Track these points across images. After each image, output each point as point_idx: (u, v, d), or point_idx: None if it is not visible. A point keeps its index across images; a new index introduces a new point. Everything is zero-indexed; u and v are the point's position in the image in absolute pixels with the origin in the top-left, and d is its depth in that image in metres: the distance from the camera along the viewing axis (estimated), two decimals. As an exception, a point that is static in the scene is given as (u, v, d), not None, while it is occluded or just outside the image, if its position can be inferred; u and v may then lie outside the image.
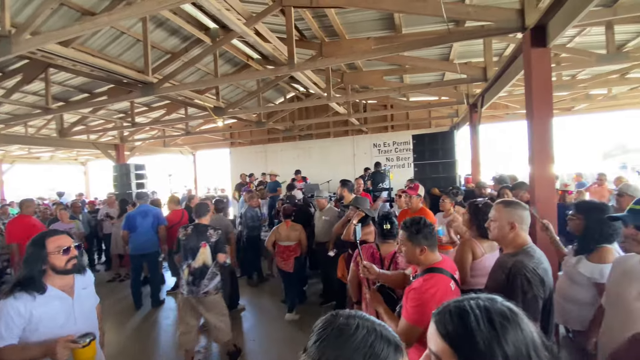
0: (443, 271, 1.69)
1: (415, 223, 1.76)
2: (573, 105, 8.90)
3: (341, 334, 0.64)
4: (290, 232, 4.22)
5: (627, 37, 5.06)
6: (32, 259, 1.62)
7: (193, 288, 3.03)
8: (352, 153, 11.53)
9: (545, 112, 2.71)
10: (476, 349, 0.65)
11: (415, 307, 1.57)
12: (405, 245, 1.75)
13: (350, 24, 5.03)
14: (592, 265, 2.04)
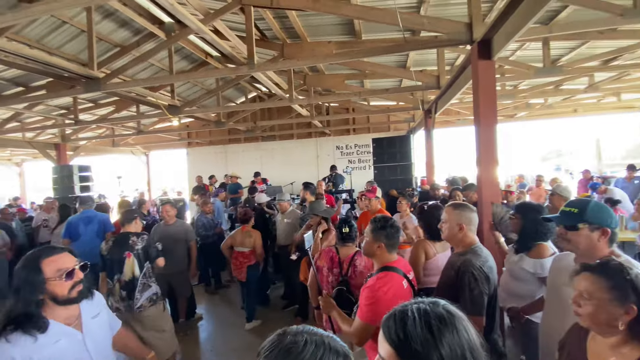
0: (396, 270, 1.74)
1: (384, 220, 1.84)
2: (515, 113, 9.73)
3: (289, 354, 0.62)
4: (245, 238, 4.05)
5: (561, 53, 5.64)
6: (25, 289, 1.22)
7: (130, 303, 2.79)
8: (316, 155, 11.57)
9: (490, 119, 2.92)
10: (415, 352, 0.68)
11: (369, 306, 1.61)
12: (368, 237, 1.83)
13: (311, 26, 5.04)
14: (533, 261, 2.23)
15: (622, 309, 1.05)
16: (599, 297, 1.08)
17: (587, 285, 1.11)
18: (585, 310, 1.11)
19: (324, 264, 2.26)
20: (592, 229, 1.39)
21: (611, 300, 1.06)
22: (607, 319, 1.07)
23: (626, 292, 1.05)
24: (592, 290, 1.10)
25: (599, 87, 6.72)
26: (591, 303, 1.09)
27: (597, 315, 1.08)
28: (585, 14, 3.97)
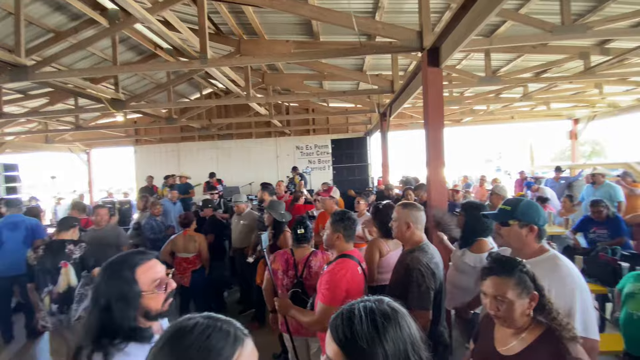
0: (352, 257, 1.89)
1: (342, 213, 1.99)
2: (462, 118, 10.46)
3: (178, 334, 0.63)
4: (187, 243, 3.82)
5: (500, 64, 6.16)
6: (118, 305, 0.98)
7: (62, 317, 2.54)
8: (276, 154, 11.43)
9: (438, 123, 3.09)
10: (361, 349, 0.69)
11: (329, 289, 1.73)
12: (328, 230, 1.95)
13: (269, 24, 4.96)
14: (474, 256, 2.40)
15: (528, 297, 1.15)
16: (511, 295, 1.15)
17: (498, 287, 1.18)
18: (504, 311, 1.17)
19: (279, 267, 2.22)
20: (522, 226, 1.51)
21: (520, 293, 1.15)
22: (521, 311, 1.16)
23: (525, 283, 1.16)
24: (504, 291, 1.16)
25: (532, 97, 7.47)
26: (507, 302, 1.16)
27: (513, 312, 1.16)
28: (521, 30, 4.37)
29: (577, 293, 1.34)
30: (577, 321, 1.30)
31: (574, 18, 4.12)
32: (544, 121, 11.08)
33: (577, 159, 11.00)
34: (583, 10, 4.04)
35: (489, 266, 1.25)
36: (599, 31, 3.81)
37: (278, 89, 8.61)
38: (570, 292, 1.34)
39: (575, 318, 1.30)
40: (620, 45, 4.93)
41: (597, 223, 4.08)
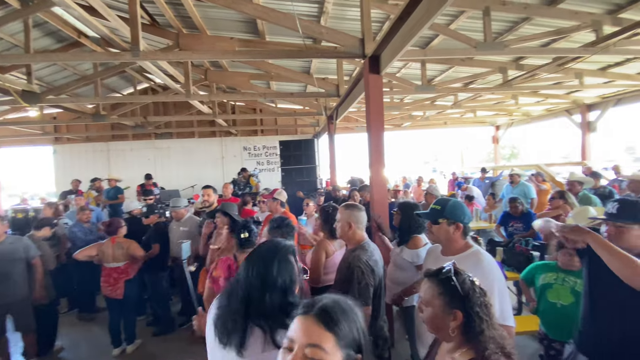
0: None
1: (280, 220, 1.92)
2: (402, 123, 11.15)
3: None
4: (116, 251, 3.49)
5: (435, 74, 6.69)
6: (293, 283, 1.17)
7: None
8: (221, 155, 10.97)
9: (379, 127, 3.24)
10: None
11: None
12: (265, 238, 1.89)
13: (211, 19, 4.75)
14: (410, 252, 2.56)
15: (451, 315, 1.07)
16: (433, 303, 1.11)
17: (424, 291, 1.15)
18: (425, 315, 1.14)
19: (221, 274, 2.12)
20: (449, 224, 1.66)
21: (441, 306, 1.09)
22: (441, 325, 1.09)
23: (452, 298, 1.07)
24: (428, 297, 1.13)
25: (461, 105, 8.26)
26: (428, 309, 1.12)
27: (433, 321, 1.11)
28: (452, 44, 4.80)
29: (495, 285, 1.48)
30: (495, 309, 1.44)
31: (495, 36, 4.64)
32: (472, 127, 12.31)
33: (499, 160, 12.42)
34: (502, 29, 4.58)
35: (428, 269, 1.23)
36: (515, 49, 4.35)
37: (223, 87, 8.28)
38: (490, 284, 1.46)
39: (494, 307, 1.44)
40: (532, 62, 5.69)
41: (514, 218, 4.64)
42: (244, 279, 1.16)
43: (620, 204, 1.61)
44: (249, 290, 1.13)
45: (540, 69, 5.51)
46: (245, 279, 1.16)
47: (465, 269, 1.56)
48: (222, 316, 1.14)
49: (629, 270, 1.37)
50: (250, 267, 1.18)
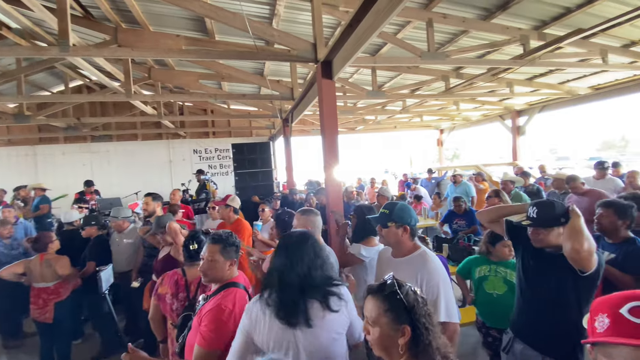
0: (239, 285, 1.67)
1: (229, 235, 1.73)
2: (356, 126, 11.46)
3: None
4: (44, 269, 3.09)
5: (384, 80, 6.98)
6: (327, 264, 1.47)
7: None
8: (168, 159, 10.32)
9: (332, 130, 3.28)
10: None
11: (213, 330, 1.46)
12: (216, 259, 1.64)
13: (154, 15, 4.44)
14: (368, 248, 2.61)
15: (399, 331, 1.01)
16: (380, 321, 1.03)
17: (370, 310, 1.07)
18: (373, 337, 1.05)
19: (167, 291, 1.97)
20: (398, 227, 1.72)
21: (389, 323, 1.03)
22: (390, 344, 1.03)
23: (399, 312, 1.02)
24: (374, 316, 1.05)
25: (409, 110, 8.72)
26: (375, 329, 1.04)
27: (382, 341, 1.04)
28: (399, 52, 5.03)
29: (441, 284, 1.56)
30: (441, 309, 1.51)
31: (437, 46, 4.97)
32: (419, 130, 13.06)
33: (443, 162, 13.33)
34: (444, 40, 4.91)
35: (370, 285, 1.15)
36: (455, 59, 4.69)
37: (169, 86, 7.80)
38: (435, 284, 1.56)
39: (440, 306, 1.52)
40: (470, 71, 6.19)
41: (458, 215, 4.99)
42: (289, 268, 1.36)
43: (538, 207, 1.68)
44: (299, 274, 1.35)
45: (477, 78, 6.02)
46: (290, 268, 1.36)
47: (413, 269, 1.63)
48: (280, 307, 1.31)
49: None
50: (291, 256, 1.39)
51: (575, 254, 1.47)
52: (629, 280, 2.03)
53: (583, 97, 7.34)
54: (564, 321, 1.64)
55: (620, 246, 2.18)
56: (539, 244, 1.71)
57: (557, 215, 1.61)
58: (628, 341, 0.66)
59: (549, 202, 1.69)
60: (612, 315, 0.70)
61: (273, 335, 1.30)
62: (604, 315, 0.72)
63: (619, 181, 4.89)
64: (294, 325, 1.29)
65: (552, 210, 1.63)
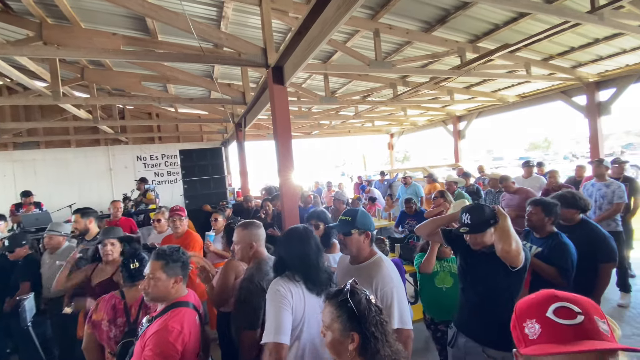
0: (189, 305, 1.58)
1: (175, 251, 1.61)
2: (311, 131, 11.54)
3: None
4: None
5: (337, 86, 7.12)
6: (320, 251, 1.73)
7: None
8: (108, 167, 9.45)
9: (286, 135, 3.25)
10: None
11: (160, 354, 1.36)
12: (158, 276, 1.53)
13: (85, 10, 4.05)
14: (331, 255, 2.60)
15: (349, 337, 1.05)
16: (333, 327, 1.08)
17: (325, 315, 1.11)
18: (327, 340, 1.09)
19: (103, 317, 1.76)
20: (360, 233, 1.72)
21: (339, 329, 1.06)
22: (341, 349, 1.06)
23: (349, 320, 1.06)
24: (328, 321, 1.09)
25: (361, 115, 9.00)
26: (329, 333, 1.09)
27: (335, 345, 1.07)
28: (349, 60, 5.17)
29: (394, 291, 1.57)
30: (395, 316, 1.52)
31: (384, 55, 5.20)
32: (371, 135, 13.55)
33: (394, 164, 13.96)
34: (390, 50, 5.15)
35: (328, 290, 1.20)
36: (400, 68, 4.94)
37: (107, 88, 7.16)
38: (390, 290, 1.57)
39: (394, 312, 1.53)
40: (415, 80, 6.57)
41: (409, 216, 5.23)
42: (306, 253, 1.62)
43: (470, 213, 1.78)
44: (313, 258, 1.63)
45: (421, 86, 6.41)
46: (308, 254, 1.63)
47: (369, 276, 1.65)
48: (309, 281, 1.57)
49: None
50: (305, 244, 1.65)
51: (506, 253, 1.62)
52: (553, 271, 2.27)
53: (512, 104, 8.19)
54: (499, 313, 1.77)
55: (546, 240, 2.43)
56: (477, 246, 1.84)
57: (487, 218, 1.74)
58: (565, 349, 0.64)
59: (479, 207, 1.82)
60: (541, 320, 0.69)
61: (308, 305, 1.54)
62: (532, 321, 0.70)
63: (543, 179, 5.51)
64: (321, 294, 1.52)
65: (483, 214, 1.76)
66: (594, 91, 6.31)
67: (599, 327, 0.66)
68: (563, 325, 0.67)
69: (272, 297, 1.50)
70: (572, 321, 0.67)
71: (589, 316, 0.67)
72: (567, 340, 0.65)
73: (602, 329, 0.66)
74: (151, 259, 1.57)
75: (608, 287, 4.13)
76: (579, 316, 0.67)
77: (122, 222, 4.66)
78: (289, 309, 1.48)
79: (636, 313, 3.61)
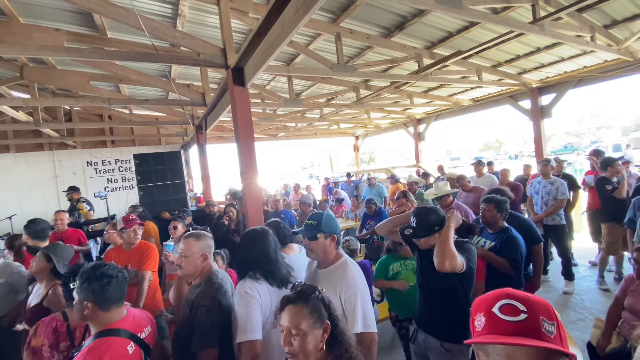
0: (119, 332, 1.39)
1: (88, 272, 1.41)
2: (277, 133, 11.43)
3: None
4: None
5: (301, 89, 7.11)
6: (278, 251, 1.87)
7: None
8: (54, 174, 8.66)
9: (248, 138, 3.17)
10: None
11: None
12: (75, 302, 1.40)
13: (24, 4, 3.68)
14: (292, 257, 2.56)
15: (322, 328, 1.10)
16: (304, 325, 1.09)
17: (291, 317, 1.10)
18: (297, 346, 1.08)
19: (44, 342, 1.58)
20: (326, 237, 1.70)
21: (314, 323, 1.10)
22: (315, 345, 1.09)
23: (320, 310, 1.12)
24: (297, 321, 1.09)
25: (327, 118, 9.07)
26: (300, 335, 1.08)
27: (306, 345, 1.08)
28: (312, 63, 5.18)
29: (358, 294, 1.57)
30: (358, 319, 1.52)
31: (346, 59, 5.28)
32: (337, 137, 13.71)
33: (360, 165, 14.23)
34: (352, 54, 5.24)
35: (287, 296, 1.19)
36: (362, 72, 5.04)
37: (51, 88, 6.56)
38: (353, 294, 1.56)
39: (357, 316, 1.52)
40: (377, 84, 6.74)
41: (370, 216, 5.34)
42: (265, 252, 1.74)
43: (417, 217, 1.89)
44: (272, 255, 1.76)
45: (383, 90, 6.60)
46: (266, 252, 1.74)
47: (334, 280, 1.64)
48: (270, 277, 1.70)
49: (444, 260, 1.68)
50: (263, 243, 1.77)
51: (441, 269, 1.69)
52: (505, 263, 2.43)
53: (466, 108, 8.69)
54: (454, 309, 1.86)
55: (498, 235, 2.60)
56: (423, 247, 1.92)
57: (432, 224, 1.83)
58: (499, 340, 0.69)
59: (426, 210, 1.90)
60: (487, 314, 0.73)
61: (273, 299, 1.62)
62: (481, 315, 0.75)
63: (495, 178, 5.90)
64: (284, 285, 1.71)
65: (428, 219, 1.85)
66: (537, 96, 6.88)
67: (542, 327, 0.69)
68: (504, 321, 0.71)
69: (240, 299, 1.58)
70: (514, 318, 0.71)
71: (533, 316, 0.70)
72: (506, 334, 0.69)
73: (545, 329, 0.69)
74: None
75: (554, 276, 4.52)
76: (522, 314, 0.70)
77: (69, 233, 4.29)
78: (257, 307, 1.57)
79: (580, 299, 3.95)
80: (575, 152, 26.95)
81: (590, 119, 54.08)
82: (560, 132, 45.47)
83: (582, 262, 5.00)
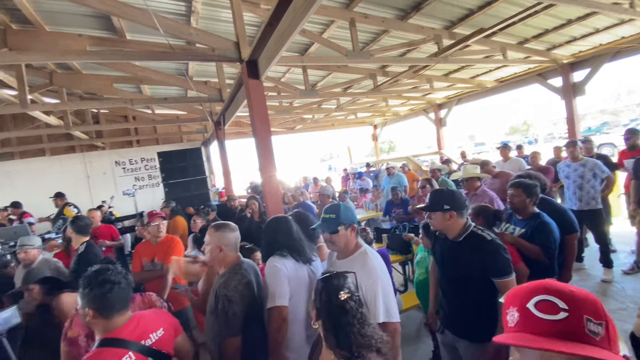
0: (119, 343, 1.33)
1: (89, 278, 1.34)
2: (295, 126, 11.43)
3: None
4: None
5: (316, 79, 7.03)
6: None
7: None
8: (86, 174, 9.12)
9: (265, 131, 3.17)
10: None
11: None
12: (79, 307, 1.36)
13: (48, 12, 3.84)
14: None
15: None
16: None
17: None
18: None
19: (80, 332, 1.68)
20: (347, 228, 1.69)
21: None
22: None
23: (315, 299, 1.23)
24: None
25: (344, 108, 8.95)
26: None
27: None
28: (327, 51, 5.10)
29: (379, 283, 1.55)
30: (380, 309, 1.50)
31: (362, 46, 5.15)
32: (355, 127, 13.53)
33: (379, 155, 14.02)
34: (367, 39, 5.10)
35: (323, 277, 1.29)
36: (378, 58, 4.90)
37: (79, 92, 6.86)
38: (374, 283, 1.54)
39: (379, 306, 1.50)
40: (394, 69, 6.54)
41: (395, 205, 5.25)
42: (288, 233, 1.95)
43: (431, 195, 1.92)
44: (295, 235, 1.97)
45: (400, 76, 6.39)
46: (290, 232, 1.96)
47: (354, 269, 1.62)
48: (295, 253, 1.89)
49: None
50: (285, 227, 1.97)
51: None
52: (537, 250, 2.30)
53: (490, 89, 8.29)
54: (474, 301, 1.78)
55: (528, 221, 2.46)
56: (432, 226, 1.93)
57: (441, 201, 1.81)
58: (531, 344, 0.61)
59: (440, 190, 1.91)
60: (521, 310, 0.67)
61: (300, 273, 1.84)
62: (514, 309, 0.68)
63: (523, 162, 5.61)
64: (308, 262, 1.92)
65: (439, 197, 1.85)
66: (568, 72, 6.44)
67: (586, 327, 0.61)
68: (540, 319, 0.63)
69: (269, 271, 1.76)
70: (552, 316, 0.62)
71: (576, 314, 0.62)
72: (541, 335, 0.62)
73: (589, 330, 0.61)
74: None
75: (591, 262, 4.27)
76: (562, 312, 0.62)
77: (101, 230, 4.51)
78: (285, 278, 1.74)
79: (620, 287, 3.73)
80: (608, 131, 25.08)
81: (627, 96, 50.28)
82: (594, 111, 42.63)
83: (622, 247, 4.69)
